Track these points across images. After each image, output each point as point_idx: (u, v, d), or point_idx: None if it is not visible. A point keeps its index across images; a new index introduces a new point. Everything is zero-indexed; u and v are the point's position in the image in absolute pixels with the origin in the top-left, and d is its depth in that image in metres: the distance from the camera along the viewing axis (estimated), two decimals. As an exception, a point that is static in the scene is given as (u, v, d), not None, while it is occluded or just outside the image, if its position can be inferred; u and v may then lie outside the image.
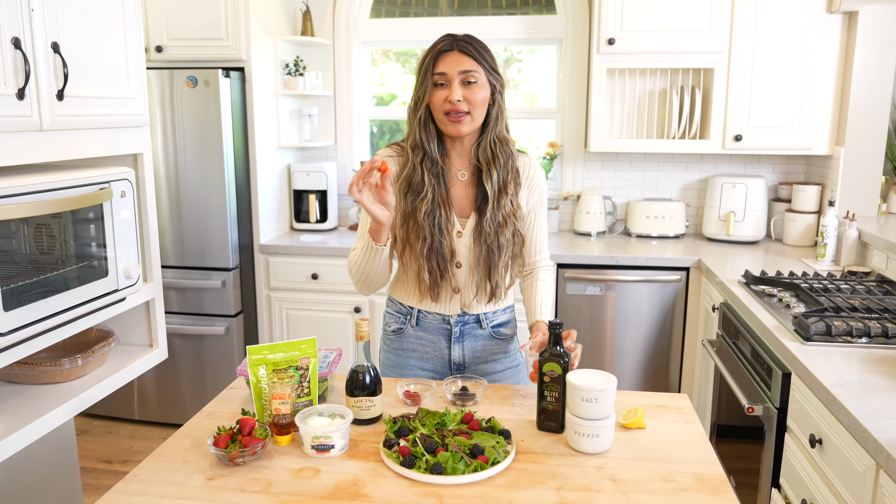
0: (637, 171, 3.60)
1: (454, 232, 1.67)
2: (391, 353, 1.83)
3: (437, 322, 1.75)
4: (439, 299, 1.71)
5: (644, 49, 3.13)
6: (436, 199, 1.63)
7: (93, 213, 1.59)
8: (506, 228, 1.65)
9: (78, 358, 1.62)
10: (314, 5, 3.63)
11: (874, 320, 1.96)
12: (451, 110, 1.58)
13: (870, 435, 1.34)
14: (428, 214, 1.62)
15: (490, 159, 1.65)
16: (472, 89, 1.58)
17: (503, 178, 1.65)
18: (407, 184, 1.65)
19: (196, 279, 3.23)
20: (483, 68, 1.60)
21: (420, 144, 1.64)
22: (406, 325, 1.78)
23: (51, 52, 1.44)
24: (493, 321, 1.77)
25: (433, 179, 1.63)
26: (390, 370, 1.83)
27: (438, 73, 1.59)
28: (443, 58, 1.59)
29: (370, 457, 1.33)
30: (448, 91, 1.58)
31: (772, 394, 1.93)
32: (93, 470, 3.04)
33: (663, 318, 3.07)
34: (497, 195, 1.64)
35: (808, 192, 3.18)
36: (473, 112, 1.60)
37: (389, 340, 1.83)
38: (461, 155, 1.69)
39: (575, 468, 1.28)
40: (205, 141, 3.08)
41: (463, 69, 1.58)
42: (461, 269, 1.70)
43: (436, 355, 1.78)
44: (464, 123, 1.60)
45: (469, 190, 1.69)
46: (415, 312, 1.76)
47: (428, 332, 1.77)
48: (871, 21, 2.92)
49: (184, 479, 1.25)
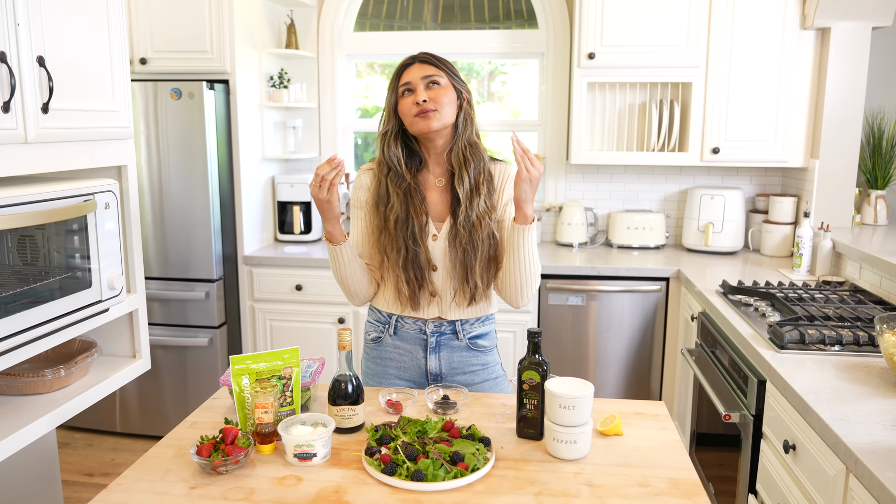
0: (618, 182, 3.65)
1: (429, 236, 1.71)
2: (370, 361, 1.86)
3: (414, 332, 1.78)
4: (419, 307, 1.74)
5: (623, 63, 3.19)
6: (406, 209, 1.68)
7: (77, 225, 1.60)
8: (480, 229, 1.68)
9: (61, 369, 1.63)
10: (299, 18, 3.66)
11: (846, 329, 2.01)
12: (420, 110, 1.64)
13: (839, 440, 1.38)
14: (401, 224, 1.68)
15: (462, 163, 1.70)
16: (436, 90, 1.66)
17: (475, 180, 1.70)
18: (376, 197, 1.73)
19: (180, 290, 3.22)
20: (445, 74, 1.69)
21: (385, 160, 1.72)
22: (384, 333, 1.81)
23: (36, 66, 1.45)
24: (471, 332, 1.79)
25: (400, 192, 1.69)
26: (370, 379, 1.85)
27: (403, 83, 1.68)
28: (406, 71, 1.70)
29: (352, 465, 1.34)
30: (414, 95, 1.66)
31: (748, 401, 1.97)
32: (74, 483, 3.02)
33: (644, 328, 3.12)
34: (469, 196, 1.68)
35: (784, 203, 3.25)
36: (441, 110, 1.65)
37: (369, 349, 1.86)
38: (438, 163, 1.75)
39: (553, 474, 1.31)
40: (189, 153, 3.09)
41: (426, 74, 1.67)
42: (437, 273, 1.73)
43: (413, 365, 1.80)
44: (432, 119, 1.65)
45: (445, 195, 1.74)
46: (393, 321, 1.79)
47: (405, 342, 1.79)
48: (843, 37, 3.00)
49: (166, 489, 1.26)
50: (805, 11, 3.03)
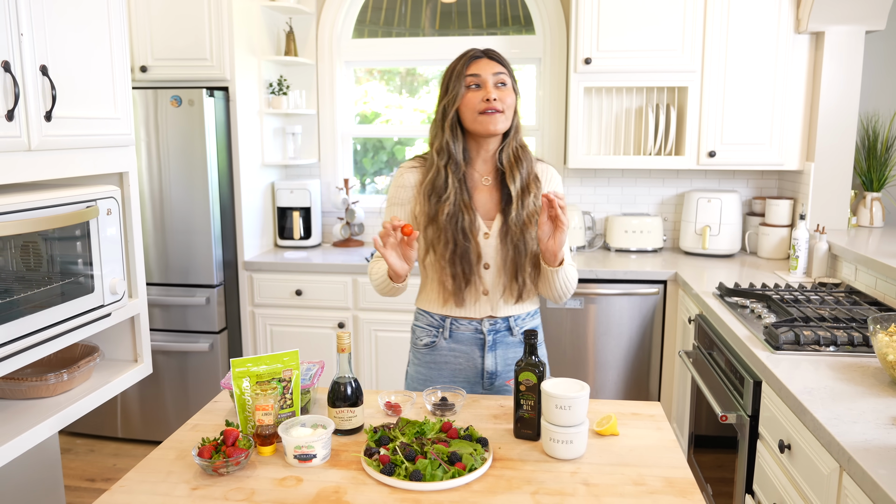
0: (615, 186, 3.68)
1: (481, 234, 1.72)
2: (423, 367, 1.83)
3: (470, 332, 1.78)
4: (465, 304, 1.74)
5: (620, 68, 3.22)
6: (457, 203, 1.68)
7: (79, 231, 1.63)
8: (530, 227, 1.70)
9: (63, 373, 1.64)
10: (297, 26, 3.69)
11: (842, 329, 2.02)
12: (488, 108, 1.64)
13: (833, 439, 1.40)
14: (451, 217, 1.67)
15: (513, 163, 1.72)
16: (503, 91, 1.67)
17: (525, 180, 1.72)
18: (431, 187, 1.71)
19: (180, 296, 3.24)
20: (510, 76, 1.70)
21: (446, 147, 1.70)
22: (438, 337, 1.79)
23: (39, 75, 1.48)
24: (523, 327, 1.80)
25: (456, 183, 1.69)
26: (420, 385, 1.83)
27: (471, 74, 1.67)
28: (475, 63, 1.68)
29: (351, 465, 1.36)
30: (483, 91, 1.66)
31: (744, 402, 1.98)
32: (76, 488, 3.03)
33: (642, 331, 3.13)
34: (521, 195, 1.70)
35: (780, 206, 3.27)
36: (507, 112, 1.68)
37: (421, 354, 1.83)
38: (485, 161, 1.76)
39: (550, 473, 1.33)
40: (189, 159, 3.12)
41: (496, 71, 1.67)
42: (489, 271, 1.74)
43: (469, 366, 1.79)
44: (499, 121, 1.66)
45: (493, 194, 1.75)
46: (447, 324, 1.78)
47: (461, 343, 1.79)
48: (837, 41, 3.03)
49: (168, 490, 1.28)
50: (799, 16, 3.06)
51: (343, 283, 3.28)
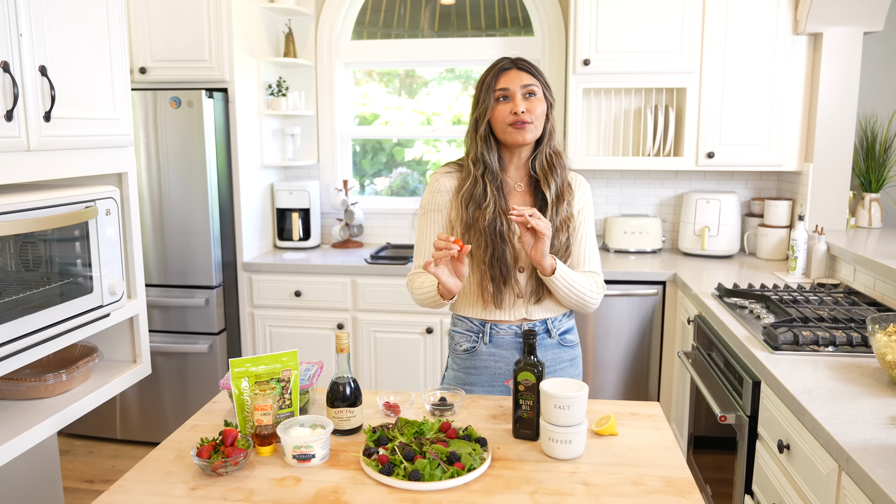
0: (614, 187, 3.68)
1: (516, 238, 1.73)
2: (461, 372, 1.83)
3: (510, 336, 1.78)
4: (503, 306, 1.75)
5: (618, 69, 3.22)
6: (496, 209, 1.70)
7: (78, 231, 1.63)
8: (561, 233, 1.72)
9: (62, 373, 1.64)
10: (296, 27, 3.70)
11: (840, 330, 2.02)
12: (516, 121, 1.66)
13: (832, 438, 1.40)
14: (490, 224, 1.70)
15: (547, 170, 1.74)
16: (532, 102, 1.68)
17: (560, 188, 1.74)
18: (469, 195, 1.73)
19: (179, 297, 3.24)
20: (540, 84, 1.71)
21: (481, 158, 1.73)
22: (479, 342, 1.80)
23: (38, 75, 1.48)
24: (561, 328, 1.81)
25: (494, 191, 1.72)
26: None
27: (500, 88, 1.69)
28: (503, 75, 1.70)
29: (350, 465, 1.36)
30: (511, 104, 1.67)
31: (743, 402, 1.98)
32: (75, 490, 3.03)
33: (642, 331, 3.14)
34: (555, 201, 1.73)
35: (779, 207, 3.27)
36: (536, 122, 1.69)
37: (460, 360, 1.84)
38: (518, 168, 1.78)
39: (548, 473, 1.33)
40: (188, 161, 3.12)
41: (524, 83, 1.68)
42: (524, 274, 1.75)
43: (508, 370, 1.79)
44: (528, 131, 1.68)
45: (526, 199, 1.77)
46: (487, 329, 1.78)
47: (500, 348, 1.79)
48: (835, 42, 3.03)
49: (167, 490, 1.28)
50: (797, 17, 3.06)
51: (342, 284, 3.28)
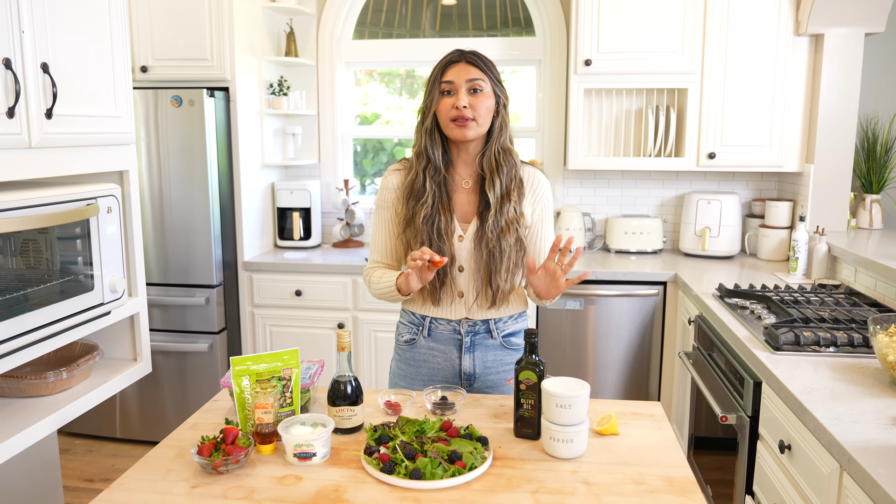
0: (615, 188, 3.68)
1: (455, 236, 1.71)
2: (403, 363, 1.84)
3: (448, 333, 1.78)
4: (441, 303, 1.75)
5: (620, 70, 3.22)
6: (435, 205, 1.69)
7: (79, 228, 1.62)
8: (508, 235, 1.69)
9: (63, 371, 1.64)
10: (298, 26, 3.70)
11: (841, 330, 2.02)
12: (458, 116, 1.64)
13: (833, 438, 1.39)
14: (427, 219, 1.68)
15: (494, 168, 1.71)
16: (477, 97, 1.66)
17: (506, 186, 1.70)
18: (409, 189, 1.72)
19: (180, 296, 3.24)
20: (489, 79, 1.68)
21: (424, 152, 1.71)
22: (418, 335, 1.80)
23: (40, 73, 1.48)
24: (504, 330, 1.80)
25: (434, 186, 1.70)
26: (401, 381, 1.84)
27: (446, 81, 1.66)
28: (451, 68, 1.67)
29: (351, 464, 1.36)
30: (455, 98, 1.65)
31: (744, 402, 1.98)
32: (74, 489, 3.02)
33: (642, 332, 3.13)
34: (500, 202, 1.69)
35: (780, 207, 3.27)
36: (478, 118, 1.66)
37: (402, 351, 1.85)
38: (466, 164, 1.75)
39: (550, 472, 1.33)
40: (189, 159, 3.12)
41: (469, 77, 1.65)
42: (463, 274, 1.74)
43: (447, 366, 1.79)
44: (469, 128, 1.66)
45: (472, 197, 1.75)
46: (426, 323, 1.79)
47: (439, 343, 1.79)
48: (836, 43, 3.03)
49: (168, 488, 1.28)
50: (798, 18, 3.06)
51: (343, 284, 3.28)
